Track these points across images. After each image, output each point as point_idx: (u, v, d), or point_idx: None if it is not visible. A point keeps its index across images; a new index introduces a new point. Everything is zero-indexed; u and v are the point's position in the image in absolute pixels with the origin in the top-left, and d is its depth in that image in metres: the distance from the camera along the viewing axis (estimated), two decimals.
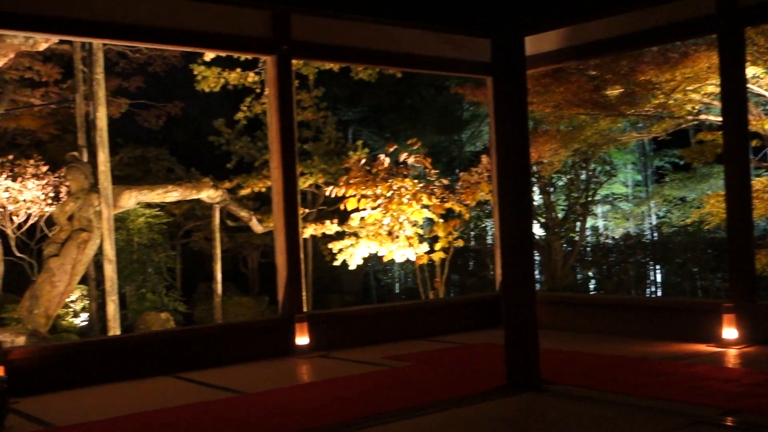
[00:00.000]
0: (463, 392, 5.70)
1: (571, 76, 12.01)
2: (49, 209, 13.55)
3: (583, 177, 17.37)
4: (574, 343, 7.73)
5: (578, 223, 17.63)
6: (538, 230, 17.38)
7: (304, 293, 7.92)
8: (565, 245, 17.47)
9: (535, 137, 13.47)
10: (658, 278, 18.02)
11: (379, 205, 10.71)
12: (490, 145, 9.87)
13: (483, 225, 19.08)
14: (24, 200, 13.52)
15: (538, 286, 16.26)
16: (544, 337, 5.85)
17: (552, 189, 17.53)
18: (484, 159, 11.22)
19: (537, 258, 16.98)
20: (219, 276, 15.37)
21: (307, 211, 15.93)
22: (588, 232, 18.65)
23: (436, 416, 5.13)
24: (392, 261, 11.50)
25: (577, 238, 17.53)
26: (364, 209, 10.74)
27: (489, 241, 18.79)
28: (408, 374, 6.57)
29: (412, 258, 10.93)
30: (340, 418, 5.07)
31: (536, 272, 15.94)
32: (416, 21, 6.25)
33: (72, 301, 14.20)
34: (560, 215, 17.52)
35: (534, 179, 16.44)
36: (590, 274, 17.85)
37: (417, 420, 5.04)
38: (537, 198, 17.45)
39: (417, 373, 6.62)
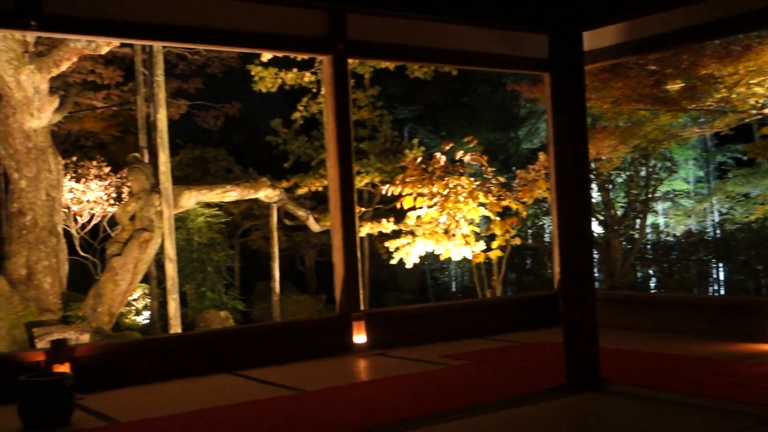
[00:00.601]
0: (522, 391, 5.66)
1: (630, 71, 11.84)
2: (111, 209, 13.84)
3: (642, 173, 17.11)
4: (635, 342, 7.61)
5: (638, 221, 17.37)
6: (596, 228, 17.17)
7: (361, 292, 7.94)
8: (624, 243, 17.23)
9: (593, 133, 13.31)
10: (721, 276, 17.66)
11: (435, 204, 10.69)
12: (547, 142, 9.78)
13: (540, 223, 18.92)
14: (87, 201, 13.84)
15: (597, 284, 16.06)
16: (603, 336, 5.78)
17: (611, 186, 17.30)
18: (542, 156, 11.12)
19: (596, 256, 16.77)
20: (277, 275, 15.49)
21: (363, 209, 15.98)
22: (648, 230, 18.36)
23: (494, 415, 5.10)
24: (449, 259, 11.46)
25: (637, 236, 17.27)
26: (420, 207, 10.73)
27: (546, 238, 18.62)
28: (465, 373, 6.55)
29: (469, 256, 10.88)
30: (398, 417, 5.07)
31: (595, 270, 15.75)
32: (473, 18, 6.22)
33: (134, 300, 14.47)
34: (619, 212, 17.28)
35: (592, 176, 16.23)
36: (651, 272, 17.58)
37: (475, 419, 5.02)
38: (595, 195, 17.24)
39: (474, 372, 6.59)
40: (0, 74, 10.08)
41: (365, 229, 13.67)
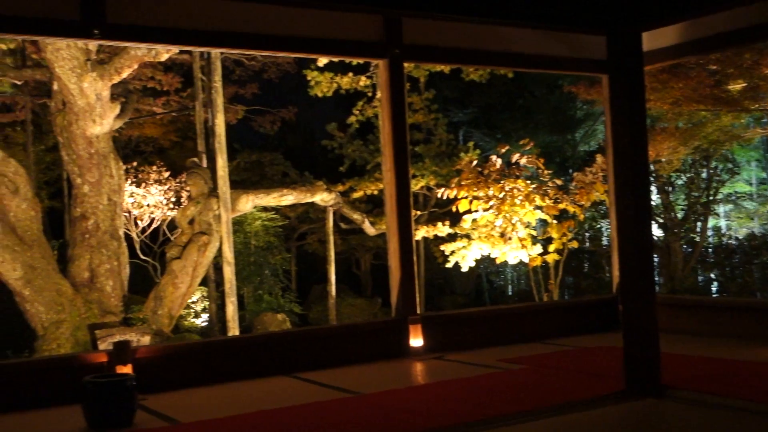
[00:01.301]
0: (580, 396, 5.59)
1: (691, 71, 11.64)
2: (171, 213, 14.08)
3: (703, 175, 16.79)
4: (696, 347, 7.47)
5: (699, 224, 17.05)
6: (656, 231, 16.90)
7: (417, 295, 7.93)
8: (685, 246, 16.92)
9: (652, 135, 13.12)
10: None
11: (491, 207, 10.63)
12: (605, 144, 9.67)
13: (598, 226, 18.69)
14: (147, 205, 14.10)
15: (657, 288, 15.82)
16: (663, 341, 5.67)
17: (671, 188, 17.02)
18: (599, 158, 10.98)
19: (655, 259, 16.50)
20: (333, 278, 15.57)
21: (419, 213, 15.97)
22: (709, 233, 18.01)
23: (553, 420, 5.05)
24: (505, 263, 11.39)
25: (698, 239, 16.95)
26: (476, 211, 10.68)
27: (604, 242, 18.38)
28: (523, 377, 6.50)
29: (525, 260, 10.80)
30: (455, 421, 5.06)
31: (655, 274, 15.48)
32: (531, 21, 6.18)
33: (193, 302, 14.68)
34: (680, 215, 16.98)
35: (652, 178, 15.99)
36: (712, 276, 17.23)
37: (533, 424, 4.98)
38: (655, 198, 16.97)
39: (532, 376, 6.54)
40: (64, 82, 10.32)
41: (421, 233, 13.67)
